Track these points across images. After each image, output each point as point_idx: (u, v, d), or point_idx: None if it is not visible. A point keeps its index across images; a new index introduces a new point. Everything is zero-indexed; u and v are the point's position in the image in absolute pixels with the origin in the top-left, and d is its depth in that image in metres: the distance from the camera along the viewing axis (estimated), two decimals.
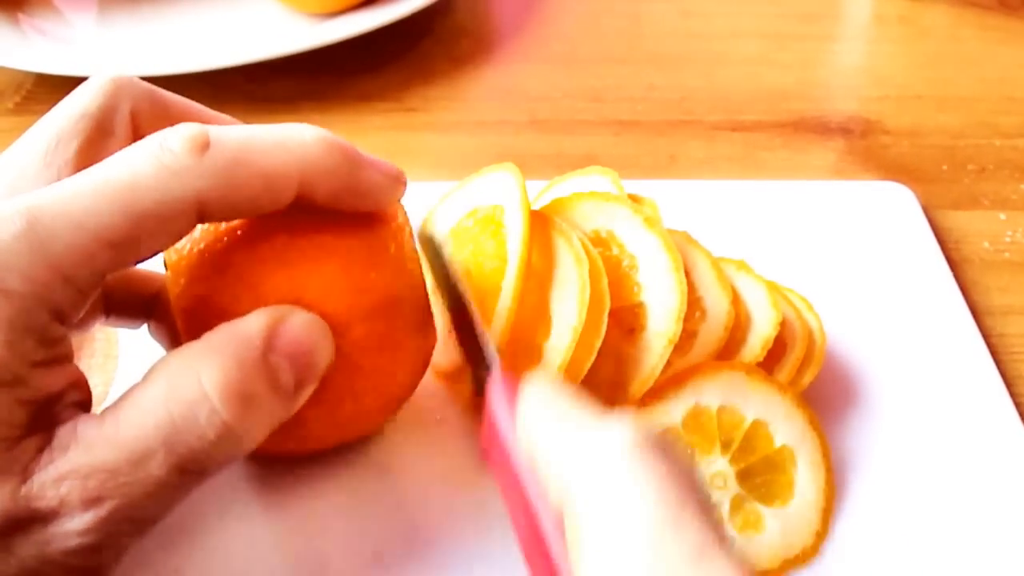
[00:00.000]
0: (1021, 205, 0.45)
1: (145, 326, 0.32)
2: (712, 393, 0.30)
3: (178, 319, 0.27)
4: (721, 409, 0.30)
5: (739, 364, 0.31)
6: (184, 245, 0.27)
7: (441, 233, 0.34)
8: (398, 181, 0.27)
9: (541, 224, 0.32)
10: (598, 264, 0.31)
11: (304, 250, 0.26)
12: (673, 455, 0.20)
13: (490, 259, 0.32)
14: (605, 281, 0.31)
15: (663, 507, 0.19)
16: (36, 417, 0.22)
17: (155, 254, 0.24)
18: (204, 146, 0.23)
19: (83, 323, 0.30)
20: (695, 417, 0.30)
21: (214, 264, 0.26)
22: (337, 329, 0.26)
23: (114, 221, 0.22)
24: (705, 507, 0.19)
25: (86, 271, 0.22)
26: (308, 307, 0.26)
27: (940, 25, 0.61)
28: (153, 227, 0.23)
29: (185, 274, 0.26)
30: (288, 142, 0.24)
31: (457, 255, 0.33)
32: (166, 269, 0.27)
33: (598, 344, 0.30)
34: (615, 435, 0.20)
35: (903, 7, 0.63)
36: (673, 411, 0.30)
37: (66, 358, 0.24)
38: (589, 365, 0.30)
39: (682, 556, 0.18)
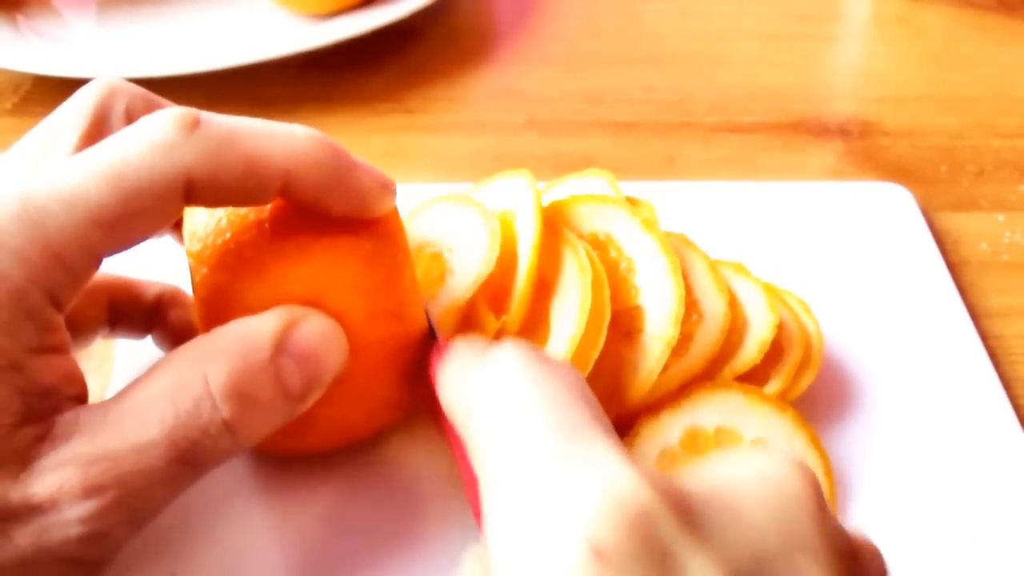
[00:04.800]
0: (1020, 206, 0.45)
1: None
2: (709, 414, 0.30)
3: (196, 308, 0.27)
4: (719, 430, 0.30)
5: (736, 384, 0.31)
6: (207, 235, 0.27)
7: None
8: (387, 189, 0.27)
9: (549, 231, 0.32)
10: (602, 276, 0.31)
11: (326, 248, 0.26)
12: (553, 362, 0.23)
13: (499, 262, 0.32)
14: (607, 293, 0.30)
15: (540, 400, 0.21)
16: (32, 407, 0.22)
17: (147, 237, 0.24)
18: (193, 124, 0.23)
19: (86, 335, 0.30)
20: (692, 438, 0.30)
21: (237, 255, 0.26)
22: (353, 329, 0.27)
23: (103, 199, 0.22)
24: (583, 398, 0.21)
25: (79, 251, 0.22)
26: (326, 305, 0.26)
27: (939, 25, 0.61)
28: (143, 205, 0.23)
29: (207, 263, 0.26)
30: (278, 134, 0.25)
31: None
32: (187, 258, 0.27)
33: (595, 355, 0.30)
34: (499, 360, 0.23)
35: (902, 8, 0.63)
36: (669, 432, 0.30)
37: (62, 348, 0.24)
38: (584, 376, 0.29)
39: (559, 435, 0.20)
